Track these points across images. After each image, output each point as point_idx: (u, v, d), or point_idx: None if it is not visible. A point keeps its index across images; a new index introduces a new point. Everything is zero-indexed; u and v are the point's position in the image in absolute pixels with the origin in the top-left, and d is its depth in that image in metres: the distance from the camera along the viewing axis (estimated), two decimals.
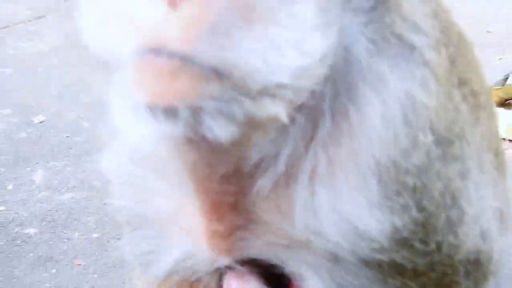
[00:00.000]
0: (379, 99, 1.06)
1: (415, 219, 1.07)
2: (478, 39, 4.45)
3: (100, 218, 2.30)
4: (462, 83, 1.24)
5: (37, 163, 2.61)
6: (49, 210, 2.35)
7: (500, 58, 4.44)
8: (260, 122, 0.93)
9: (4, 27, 3.91)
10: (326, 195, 1.05)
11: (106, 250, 2.17)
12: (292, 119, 0.97)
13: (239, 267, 1.24)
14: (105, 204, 2.32)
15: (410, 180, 1.06)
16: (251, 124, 0.92)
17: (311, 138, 1.05)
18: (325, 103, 1.03)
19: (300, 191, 1.05)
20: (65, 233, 2.23)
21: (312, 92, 0.97)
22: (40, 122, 2.89)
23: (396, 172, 1.05)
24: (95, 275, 2.06)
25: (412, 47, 1.08)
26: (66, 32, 3.79)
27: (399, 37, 1.08)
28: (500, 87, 3.52)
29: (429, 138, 1.08)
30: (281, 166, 1.06)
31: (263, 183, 1.08)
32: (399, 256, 1.10)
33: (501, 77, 4.08)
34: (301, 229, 1.07)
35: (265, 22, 0.86)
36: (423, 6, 1.16)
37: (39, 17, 4.08)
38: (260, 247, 1.19)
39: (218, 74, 0.84)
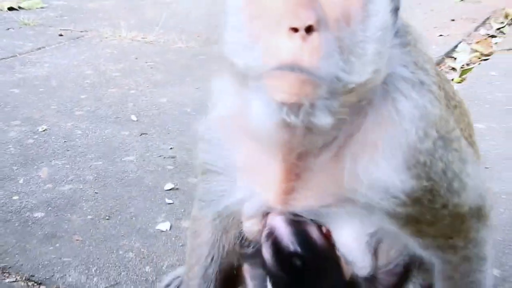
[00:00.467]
0: (407, 104, 1.28)
1: (425, 185, 1.26)
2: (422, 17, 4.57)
3: (93, 203, 2.34)
4: (449, 99, 1.47)
5: (42, 162, 2.64)
6: (52, 198, 2.37)
7: (441, 35, 4.65)
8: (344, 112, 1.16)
9: (13, 56, 3.95)
10: (367, 164, 1.25)
11: (98, 228, 2.19)
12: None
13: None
14: (96, 193, 2.43)
15: (422, 158, 1.25)
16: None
17: (358, 126, 1.27)
18: (368, 102, 1.25)
19: (349, 162, 1.27)
20: (66, 215, 2.26)
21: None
22: (43, 131, 2.93)
23: (414, 151, 1.24)
24: (90, 247, 2.09)
25: (422, 82, 1.31)
26: (61, 61, 3.92)
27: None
28: None
29: (434, 133, 1.28)
30: (337, 145, 1.28)
31: (324, 158, 1.30)
32: (414, 210, 1.29)
33: (442, 53, 4.29)
34: (348, 189, 1.28)
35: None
36: (424, 55, 1.38)
37: (39, 48, 4.11)
38: (307, 205, 1.37)
39: (328, 82, 1.09)
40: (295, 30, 1.04)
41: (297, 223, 1.40)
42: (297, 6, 1.05)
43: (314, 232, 1.41)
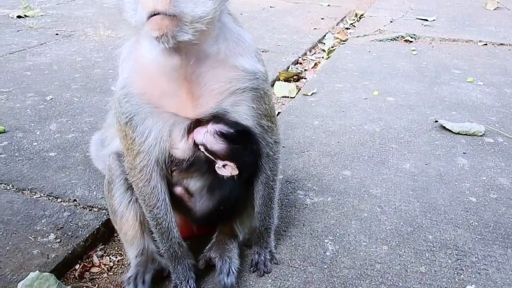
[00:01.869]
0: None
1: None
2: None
3: (89, 145, 2.19)
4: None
5: (51, 120, 2.54)
6: (61, 143, 2.32)
7: (315, 28, 4.71)
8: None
9: (23, 50, 3.75)
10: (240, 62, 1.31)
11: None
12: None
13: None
14: (90, 138, 2.39)
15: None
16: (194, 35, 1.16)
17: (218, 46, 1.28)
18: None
19: (226, 65, 1.29)
20: (71, 154, 2.23)
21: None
22: (51, 99, 2.81)
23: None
24: (90, 173, 2.08)
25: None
26: (59, 52, 3.78)
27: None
28: (284, 71, 3.57)
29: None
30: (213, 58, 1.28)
31: (206, 69, 1.27)
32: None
33: (316, 40, 4.37)
34: (231, 83, 1.31)
35: None
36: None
37: (42, 44, 3.90)
38: (211, 106, 1.32)
39: (181, 17, 1.13)
40: None
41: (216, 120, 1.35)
42: None
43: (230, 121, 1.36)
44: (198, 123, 1.35)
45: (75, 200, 1.91)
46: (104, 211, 1.85)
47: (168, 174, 1.45)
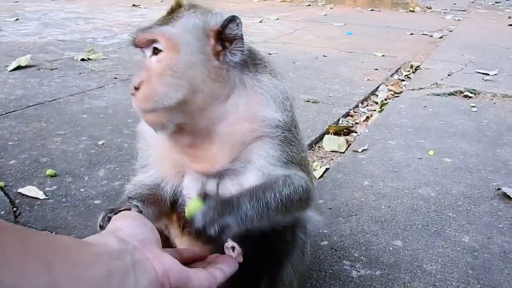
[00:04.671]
0: (265, 84, 1.27)
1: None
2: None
3: None
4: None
5: (101, 166, 2.60)
6: (107, 191, 2.32)
7: (368, 79, 4.58)
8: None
9: (83, 92, 3.89)
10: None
11: None
12: None
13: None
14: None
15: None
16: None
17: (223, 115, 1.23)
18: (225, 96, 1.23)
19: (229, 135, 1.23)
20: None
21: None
22: (102, 144, 2.89)
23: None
24: None
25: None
26: (116, 96, 3.93)
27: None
28: (334, 125, 3.47)
29: (290, 101, 1.33)
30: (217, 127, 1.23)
31: (212, 137, 1.23)
32: None
33: (369, 91, 4.26)
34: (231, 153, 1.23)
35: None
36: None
37: (101, 87, 4.08)
38: (218, 167, 1.25)
39: (161, 107, 1.15)
40: (132, 91, 1.16)
41: None
42: (136, 74, 1.17)
43: None
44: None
45: None
46: None
47: (179, 232, 1.38)
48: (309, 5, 10.94)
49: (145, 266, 0.84)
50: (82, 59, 5.00)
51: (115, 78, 4.40)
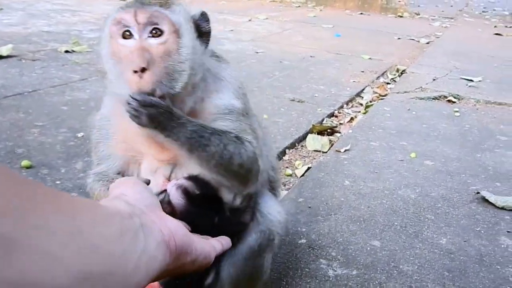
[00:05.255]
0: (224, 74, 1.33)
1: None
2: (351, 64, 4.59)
3: None
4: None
5: (78, 158, 2.55)
6: (83, 184, 2.36)
7: (354, 81, 4.59)
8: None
9: (65, 84, 3.84)
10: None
11: None
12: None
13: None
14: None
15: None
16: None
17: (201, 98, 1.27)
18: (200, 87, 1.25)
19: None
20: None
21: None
22: (81, 136, 2.84)
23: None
24: None
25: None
26: (99, 89, 3.87)
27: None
28: (318, 124, 3.46)
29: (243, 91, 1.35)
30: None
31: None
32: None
33: (354, 93, 4.29)
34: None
35: None
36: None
37: (83, 79, 4.04)
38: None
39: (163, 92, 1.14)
40: (135, 71, 1.11)
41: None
42: (135, 56, 1.12)
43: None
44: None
45: None
46: None
47: None
48: (299, 6, 10.94)
49: (152, 228, 0.85)
50: (66, 51, 4.92)
51: (99, 71, 4.33)
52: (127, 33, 1.15)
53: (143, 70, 1.11)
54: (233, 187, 1.27)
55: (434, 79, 4.93)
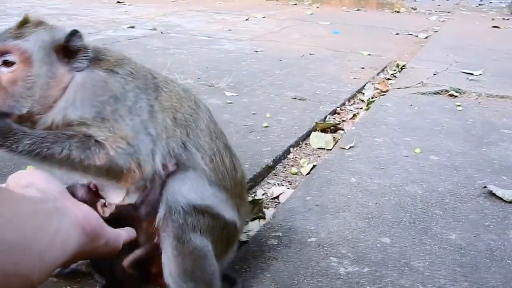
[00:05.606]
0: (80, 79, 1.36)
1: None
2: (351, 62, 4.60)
3: None
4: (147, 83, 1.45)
5: None
6: None
7: (355, 78, 4.59)
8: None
9: None
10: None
11: None
12: None
13: None
14: None
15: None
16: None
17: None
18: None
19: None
20: None
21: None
22: None
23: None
24: None
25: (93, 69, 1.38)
26: None
27: None
28: (321, 122, 3.45)
29: (106, 92, 1.34)
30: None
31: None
32: None
33: (355, 89, 4.27)
34: None
35: None
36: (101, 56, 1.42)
37: None
38: None
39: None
40: None
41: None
42: None
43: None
44: None
45: None
46: None
47: None
48: (295, 4, 10.93)
49: (66, 211, 0.92)
50: None
51: None
52: None
53: None
54: (115, 184, 1.33)
55: (434, 74, 4.93)
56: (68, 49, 1.33)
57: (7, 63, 1.26)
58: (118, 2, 9.50)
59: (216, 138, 1.48)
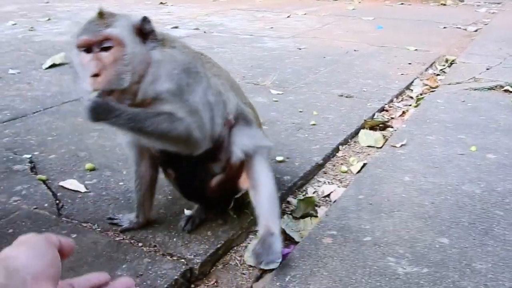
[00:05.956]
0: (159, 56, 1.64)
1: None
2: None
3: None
4: (203, 62, 1.83)
5: None
6: None
7: (402, 74, 4.50)
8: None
9: None
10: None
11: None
12: None
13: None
14: None
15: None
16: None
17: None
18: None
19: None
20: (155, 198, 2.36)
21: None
22: None
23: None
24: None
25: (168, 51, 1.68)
26: None
27: None
28: (370, 120, 3.42)
29: (180, 67, 1.65)
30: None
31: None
32: None
33: (403, 86, 4.19)
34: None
35: None
36: (170, 43, 1.70)
37: None
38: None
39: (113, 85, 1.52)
40: (92, 76, 1.50)
41: None
42: (91, 65, 1.51)
43: None
44: None
45: (155, 245, 1.90)
46: (183, 260, 1.82)
47: (154, 158, 1.95)
48: None
49: None
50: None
51: None
52: (87, 49, 1.52)
53: (97, 75, 1.48)
54: (184, 151, 1.73)
55: (487, 69, 4.73)
56: (142, 32, 1.59)
57: (106, 48, 1.51)
58: (161, 3, 9.71)
59: (242, 93, 2.07)
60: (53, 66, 4.64)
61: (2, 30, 6.58)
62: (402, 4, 10.20)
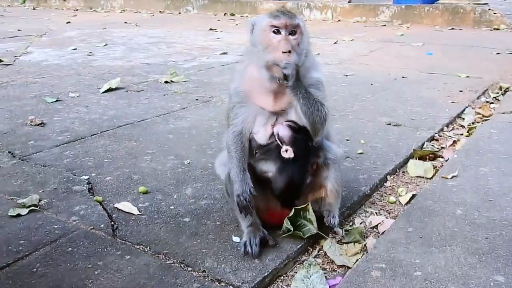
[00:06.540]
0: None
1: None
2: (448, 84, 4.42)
3: (220, 214, 2.37)
4: None
5: (188, 184, 2.69)
6: (195, 209, 2.41)
7: (453, 102, 4.41)
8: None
9: (167, 113, 4.12)
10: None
11: (224, 231, 2.22)
12: None
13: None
14: (222, 206, 2.56)
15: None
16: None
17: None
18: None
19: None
20: (203, 221, 2.29)
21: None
22: (188, 163, 3.01)
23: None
24: (219, 243, 2.15)
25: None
26: (198, 116, 4.10)
27: None
28: (420, 149, 3.36)
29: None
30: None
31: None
32: None
33: (454, 114, 4.11)
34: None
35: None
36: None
37: (184, 108, 4.31)
38: (283, 106, 2.04)
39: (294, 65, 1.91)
40: (284, 52, 1.89)
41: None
42: (284, 44, 1.90)
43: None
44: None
45: (204, 271, 1.94)
46: (231, 286, 1.85)
47: (252, 155, 2.12)
48: (384, 25, 10.74)
49: None
50: (166, 82, 5.29)
51: (197, 100, 4.60)
52: (276, 31, 1.91)
53: (289, 52, 1.87)
54: (312, 132, 2.03)
55: None
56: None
57: (292, 33, 1.92)
58: (211, 29, 10.06)
59: None
60: (109, 90, 4.92)
61: (64, 55, 7.05)
62: (452, 29, 10.01)
